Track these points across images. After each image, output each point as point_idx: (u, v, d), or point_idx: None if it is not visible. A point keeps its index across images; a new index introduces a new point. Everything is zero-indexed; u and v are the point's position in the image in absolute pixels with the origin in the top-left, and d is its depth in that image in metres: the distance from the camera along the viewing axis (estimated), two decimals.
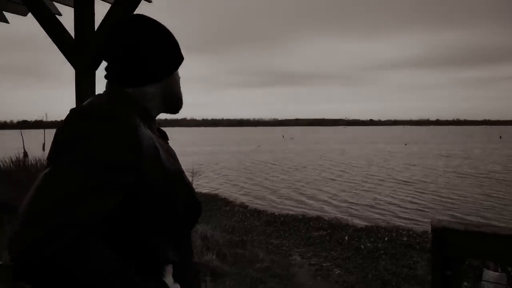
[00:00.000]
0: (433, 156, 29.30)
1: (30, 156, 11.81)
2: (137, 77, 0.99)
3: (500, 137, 70.93)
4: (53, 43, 2.09)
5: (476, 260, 4.65)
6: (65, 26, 1.91)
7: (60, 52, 2.13)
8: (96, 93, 1.17)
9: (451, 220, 1.42)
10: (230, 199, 11.34)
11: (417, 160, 25.88)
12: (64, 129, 0.82)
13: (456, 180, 16.32)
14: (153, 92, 1.02)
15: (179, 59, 1.07)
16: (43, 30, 2.13)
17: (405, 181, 16.00)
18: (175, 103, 1.09)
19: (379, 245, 6.07)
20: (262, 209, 9.74)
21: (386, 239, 6.46)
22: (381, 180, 16.28)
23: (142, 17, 1.01)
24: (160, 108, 1.07)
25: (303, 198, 12.28)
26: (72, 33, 1.85)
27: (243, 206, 10.25)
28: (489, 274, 4.18)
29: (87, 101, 0.96)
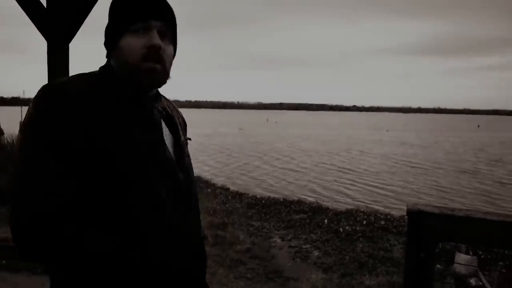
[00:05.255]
0: (412, 144, 29.89)
1: (6, 134, 11.44)
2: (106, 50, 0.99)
3: (478, 126, 72.84)
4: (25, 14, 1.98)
5: (449, 244, 4.81)
6: None
7: (32, 24, 2.02)
8: (69, 68, 1.17)
9: (427, 204, 1.44)
10: (212, 181, 11.33)
11: (397, 148, 26.35)
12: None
13: (437, 169, 16.73)
14: (115, 64, 0.97)
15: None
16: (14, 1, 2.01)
17: (384, 170, 16.31)
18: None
19: (357, 228, 6.20)
20: (243, 192, 9.76)
21: (364, 222, 6.59)
22: (362, 166, 16.54)
23: None
24: (132, 82, 0.95)
25: (289, 182, 12.38)
26: (44, 2, 1.72)
27: (224, 188, 10.25)
28: (461, 257, 4.34)
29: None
